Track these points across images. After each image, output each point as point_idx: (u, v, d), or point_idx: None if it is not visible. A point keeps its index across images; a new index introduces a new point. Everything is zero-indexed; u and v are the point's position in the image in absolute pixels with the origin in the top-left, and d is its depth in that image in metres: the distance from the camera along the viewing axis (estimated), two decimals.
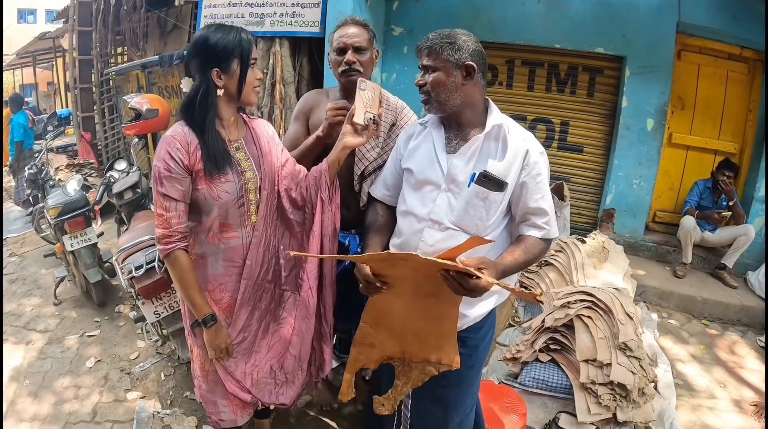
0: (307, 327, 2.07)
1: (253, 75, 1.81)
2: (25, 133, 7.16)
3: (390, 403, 1.82)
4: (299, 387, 2.19)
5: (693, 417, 2.99)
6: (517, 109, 5.24)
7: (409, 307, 1.64)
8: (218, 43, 1.73)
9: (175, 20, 6.90)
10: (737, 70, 4.93)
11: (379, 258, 1.59)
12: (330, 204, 2.03)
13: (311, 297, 2.05)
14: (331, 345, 2.23)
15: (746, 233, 4.54)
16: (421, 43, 1.73)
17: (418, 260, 1.43)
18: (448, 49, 1.65)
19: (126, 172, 4.24)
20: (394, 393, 1.81)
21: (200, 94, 1.76)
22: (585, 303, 2.88)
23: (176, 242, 1.77)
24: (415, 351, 1.73)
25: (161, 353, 3.39)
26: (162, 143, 1.76)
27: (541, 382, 2.72)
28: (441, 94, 1.69)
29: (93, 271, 3.93)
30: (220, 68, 1.74)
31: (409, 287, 1.59)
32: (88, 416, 2.82)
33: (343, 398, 1.87)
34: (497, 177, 1.66)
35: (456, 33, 1.69)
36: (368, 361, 1.82)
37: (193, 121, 1.78)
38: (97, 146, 8.79)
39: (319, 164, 2.04)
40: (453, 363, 1.68)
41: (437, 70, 1.68)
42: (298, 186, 2.03)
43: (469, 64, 1.66)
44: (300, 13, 4.85)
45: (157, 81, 7.21)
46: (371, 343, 1.79)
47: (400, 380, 1.80)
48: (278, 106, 4.98)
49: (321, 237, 2.03)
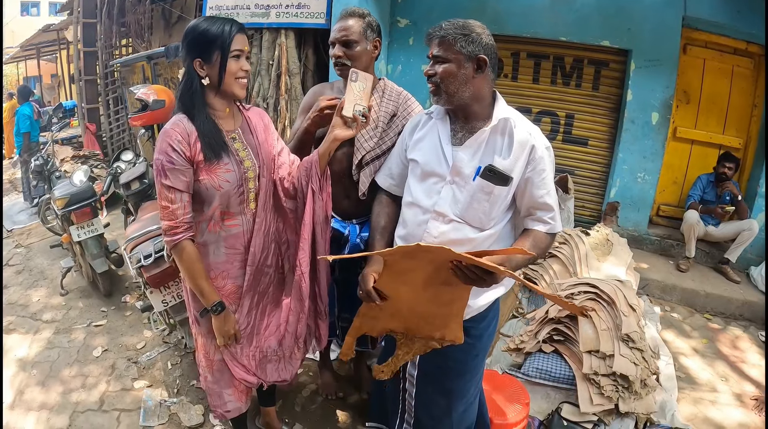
0: (302, 307, 2.11)
1: (237, 66, 1.80)
2: (31, 124, 7.17)
3: (390, 369, 1.85)
4: (297, 363, 2.24)
5: (694, 410, 3.01)
6: (522, 101, 5.23)
7: (419, 295, 1.65)
8: (201, 34, 1.75)
9: (180, 12, 6.90)
10: (742, 65, 4.91)
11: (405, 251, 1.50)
12: (321, 193, 2.04)
13: (303, 281, 2.08)
14: (327, 321, 2.27)
15: (750, 228, 4.54)
16: (433, 31, 1.69)
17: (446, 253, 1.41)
18: (462, 41, 1.63)
19: (133, 163, 4.27)
20: (394, 360, 1.84)
21: (185, 83, 1.80)
22: (588, 294, 2.90)
23: (183, 233, 1.80)
24: (419, 329, 1.75)
25: (168, 342, 3.42)
26: (162, 136, 1.78)
27: (544, 373, 2.74)
28: (450, 85, 1.67)
29: (99, 261, 3.97)
30: (202, 58, 1.76)
31: (423, 277, 1.58)
32: (96, 405, 2.85)
33: (343, 357, 1.91)
34: (502, 171, 1.66)
35: (471, 24, 1.66)
36: (370, 330, 1.85)
37: (188, 110, 1.80)
38: (102, 138, 8.82)
39: (310, 155, 2.05)
40: (457, 339, 1.69)
41: (449, 62, 1.65)
42: (291, 175, 2.05)
43: (482, 57, 1.64)
44: (306, 5, 4.86)
45: (163, 72, 7.22)
46: (374, 317, 1.80)
47: (402, 350, 1.82)
48: (283, 97, 5.00)
49: (312, 225, 2.06)
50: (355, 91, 1.91)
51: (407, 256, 1.54)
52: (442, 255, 1.45)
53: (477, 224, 1.72)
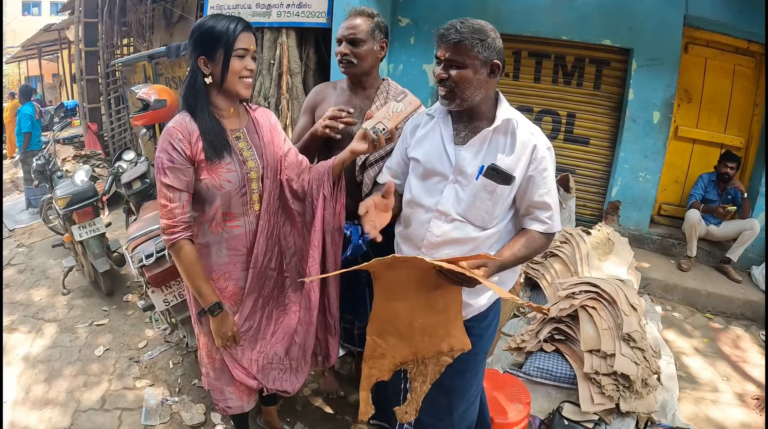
0: (311, 318, 2.09)
1: (241, 65, 1.78)
2: (33, 124, 7.17)
3: (413, 407, 1.82)
4: (303, 377, 2.21)
5: (695, 409, 3.01)
6: (523, 100, 5.23)
7: (414, 305, 1.65)
8: (206, 31, 1.74)
9: (181, 11, 6.92)
10: (744, 63, 4.90)
11: (384, 263, 1.55)
12: (333, 201, 2.03)
13: (313, 291, 2.06)
14: (337, 336, 2.25)
15: (751, 227, 4.53)
16: (447, 33, 1.62)
17: (420, 263, 1.45)
18: (479, 46, 1.59)
19: (134, 163, 4.27)
20: (414, 396, 1.81)
21: (189, 81, 1.79)
22: (589, 294, 2.90)
23: (181, 232, 1.79)
24: (426, 347, 1.73)
25: (169, 341, 3.43)
26: (164, 134, 1.77)
27: (545, 372, 2.74)
28: (466, 91, 1.64)
29: (101, 260, 3.98)
30: (206, 56, 1.75)
31: (413, 285, 1.59)
32: (98, 404, 2.86)
33: (363, 417, 1.85)
34: (505, 170, 1.67)
35: (485, 28, 1.62)
36: (381, 373, 1.81)
37: (191, 109, 1.80)
38: (104, 137, 8.83)
39: (326, 161, 2.04)
40: (465, 346, 1.69)
41: (465, 67, 1.61)
42: (300, 177, 2.04)
43: (496, 62, 1.63)
44: (307, 4, 4.86)
45: (164, 72, 7.22)
46: (381, 354, 1.78)
47: (417, 381, 1.79)
48: (285, 97, 5.00)
49: (323, 232, 2.04)
50: (390, 109, 1.86)
51: (389, 267, 1.56)
52: (417, 264, 1.48)
53: (479, 223, 1.73)
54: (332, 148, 2.19)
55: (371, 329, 1.77)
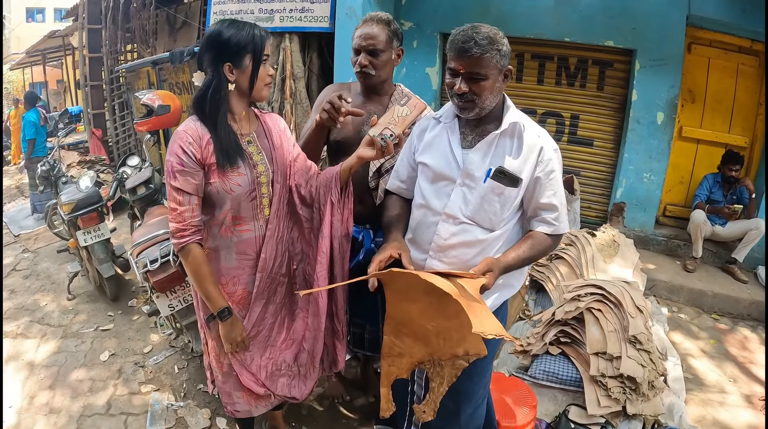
0: (319, 324, 2.08)
1: (265, 71, 1.81)
2: (37, 131, 7.21)
3: (431, 407, 1.81)
4: (311, 383, 2.20)
5: (703, 411, 2.99)
6: (527, 102, 5.22)
7: (425, 309, 1.65)
8: (231, 38, 1.73)
9: (185, 17, 6.95)
10: (748, 63, 4.88)
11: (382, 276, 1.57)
12: (340, 207, 2.02)
13: (321, 297, 2.05)
14: (345, 342, 2.24)
15: (757, 227, 4.51)
16: (468, 47, 1.58)
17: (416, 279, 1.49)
18: (497, 56, 1.59)
19: (139, 168, 4.28)
20: (432, 396, 1.80)
21: (212, 88, 1.77)
22: (595, 296, 2.89)
23: (190, 236, 1.79)
24: (442, 350, 1.72)
25: (174, 346, 3.43)
26: (174, 138, 1.77)
27: (551, 375, 2.73)
28: (486, 100, 1.65)
29: (106, 265, 3.99)
30: (232, 63, 1.75)
31: (422, 289, 1.59)
32: (103, 409, 2.86)
33: (384, 414, 1.84)
34: (512, 173, 1.67)
35: (498, 36, 1.61)
36: (400, 371, 1.81)
37: (205, 116, 1.79)
38: (108, 143, 8.88)
39: (334, 166, 2.03)
40: (481, 351, 1.67)
41: (487, 78, 1.61)
42: (308, 183, 2.03)
43: (509, 68, 1.66)
44: (309, 9, 4.87)
45: (168, 77, 7.25)
46: (399, 353, 1.78)
47: (435, 381, 1.79)
48: (288, 101, 5.01)
49: (331, 238, 2.03)
50: (395, 114, 1.83)
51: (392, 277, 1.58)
52: (412, 280, 1.50)
53: (487, 225, 1.73)
54: (341, 153, 2.17)
55: (387, 328, 1.77)
